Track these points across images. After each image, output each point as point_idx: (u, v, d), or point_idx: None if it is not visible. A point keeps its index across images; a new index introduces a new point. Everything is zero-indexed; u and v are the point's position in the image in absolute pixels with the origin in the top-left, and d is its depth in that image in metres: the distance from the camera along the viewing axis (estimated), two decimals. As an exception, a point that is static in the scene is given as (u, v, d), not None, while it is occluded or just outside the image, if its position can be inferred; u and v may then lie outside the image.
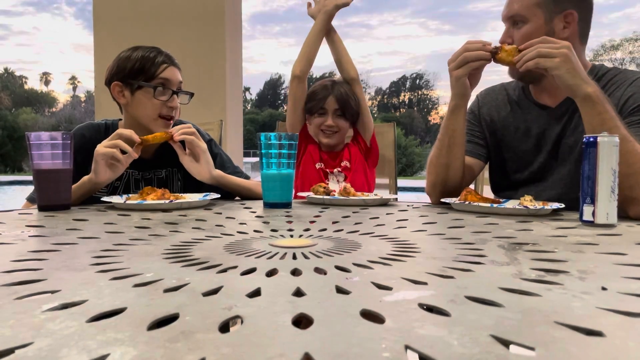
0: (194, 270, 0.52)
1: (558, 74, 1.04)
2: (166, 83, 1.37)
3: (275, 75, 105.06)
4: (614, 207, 0.88)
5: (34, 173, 1.10)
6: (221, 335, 0.33)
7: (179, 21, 3.01)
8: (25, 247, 0.66)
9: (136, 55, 1.36)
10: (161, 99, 1.36)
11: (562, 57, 1.04)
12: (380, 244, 0.70)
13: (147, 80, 1.35)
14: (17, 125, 39.78)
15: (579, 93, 1.05)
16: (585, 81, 1.05)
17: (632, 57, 41.51)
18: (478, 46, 1.16)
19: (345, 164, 1.80)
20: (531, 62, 1.07)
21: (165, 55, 1.39)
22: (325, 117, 1.76)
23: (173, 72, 1.39)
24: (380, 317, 0.36)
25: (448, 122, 1.26)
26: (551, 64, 1.04)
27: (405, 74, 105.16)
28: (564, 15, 1.21)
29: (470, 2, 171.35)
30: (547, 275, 0.50)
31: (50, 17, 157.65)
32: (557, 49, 1.05)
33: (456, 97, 1.23)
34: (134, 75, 1.35)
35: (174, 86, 1.39)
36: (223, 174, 1.37)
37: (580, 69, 1.05)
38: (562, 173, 1.27)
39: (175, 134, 1.29)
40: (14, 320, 0.36)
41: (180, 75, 1.42)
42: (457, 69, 1.17)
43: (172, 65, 1.39)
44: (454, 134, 1.25)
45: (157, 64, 1.36)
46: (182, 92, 1.42)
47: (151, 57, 1.36)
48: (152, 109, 1.36)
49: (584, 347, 0.32)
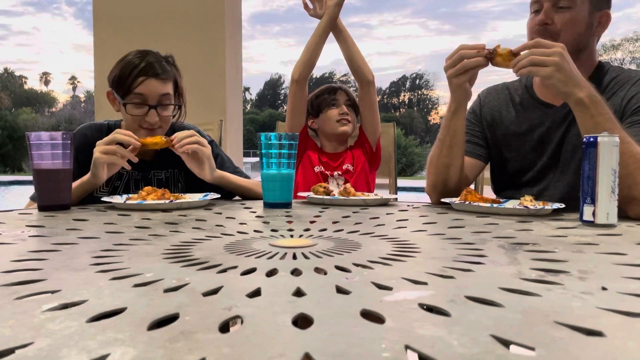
0: (194, 270, 0.52)
1: (551, 82, 1.04)
2: (142, 98, 1.32)
3: (275, 75, 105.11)
4: (614, 207, 0.88)
5: (34, 173, 1.10)
6: (221, 335, 0.33)
7: (179, 21, 3.01)
8: (25, 247, 0.66)
9: (120, 65, 1.33)
10: (133, 114, 1.33)
11: (554, 65, 1.02)
12: (380, 244, 0.70)
13: (124, 93, 1.32)
14: (17, 125, 39.78)
15: (572, 99, 1.05)
16: (578, 87, 1.04)
17: (633, 57, 41.52)
18: (473, 52, 1.13)
19: (347, 167, 1.80)
20: (524, 70, 1.06)
21: (148, 64, 1.31)
22: (340, 107, 1.80)
23: (150, 86, 1.31)
24: (380, 317, 0.36)
25: (449, 122, 1.25)
26: (543, 73, 1.04)
27: (405, 74, 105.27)
28: (601, 14, 1.22)
29: (470, 2, 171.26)
30: (547, 275, 0.50)
31: (50, 17, 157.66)
32: (550, 55, 1.03)
33: (457, 100, 1.22)
34: (114, 87, 1.35)
35: (153, 100, 1.33)
36: (224, 174, 1.37)
37: (574, 74, 1.04)
38: (566, 173, 1.27)
39: (177, 145, 1.26)
40: (14, 320, 0.36)
41: (164, 87, 1.34)
42: (456, 76, 1.16)
43: (152, 77, 1.31)
44: (454, 134, 1.25)
45: (133, 77, 1.30)
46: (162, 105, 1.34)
47: (129, 69, 1.31)
48: (132, 121, 1.35)
49: (584, 347, 0.32)
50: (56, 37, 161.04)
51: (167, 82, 1.35)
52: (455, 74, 1.15)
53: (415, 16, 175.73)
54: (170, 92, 1.36)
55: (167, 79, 1.35)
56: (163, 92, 1.34)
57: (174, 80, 1.39)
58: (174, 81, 1.39)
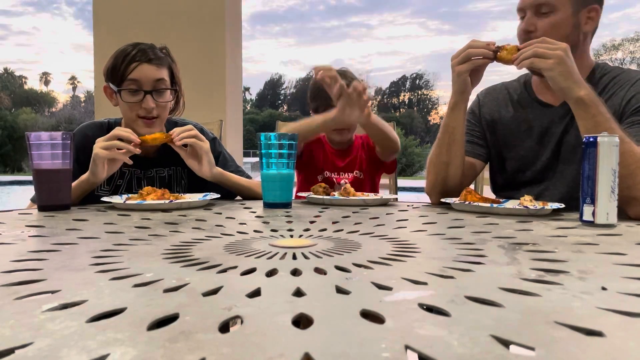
0: (194, 270, 0.52)
1: (551, 75, 1.05)
2: (136, 84, 1.30)
3: (276, 76, 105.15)
4: (614, 207, 0.88)
5: (34, 173, 1.10)
6: (221, 335, 0.33)
7: (179, 21, 3.01)
8: (25, 247, 0.66)
9: (113, 56, 1.32)
10: (129, 101, 1.31)
11: (557, 58, 1.04)
12: (380, 244, 0.70)
13: (119, 82, 1.31)
14: (17, 125, 39.76)
15: (571, 96, 1.05)
16: (578, 84, 1.05)
17: (633, 57, 41.53)
18: (482, 44, 1.16)
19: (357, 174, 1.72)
20: (527, 62, 1.07)
21: (140, 50, 1.30)
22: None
23: (143, 71, 1.30)
24: (380, 317, 0.36)
25: (448, 119, 1.26)
26: (545, 65, 1.05)
27: (405, 74, 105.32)
28: (588, 9, 1.21)
29: (470, 2, 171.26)
30: (547, 275, 0.50)
31: (50, 17, 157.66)
32: (553, 50, 1.04)
33: (456, 94, 1.23)
34: (109, 78, 1.34)
35: (147, 85, 1.31)
36: (223, 172, 1.36)
37: (574, 71, 1.05)
38: (566, 173, 1.27)
39: (176, 138, 1.27)
40: (14, 320, 0.36)
41: (158, 72, 1.32)
42: (460, 64, 1.18)
43: (145, 62, 1.30)
44: (454, 132, 1.25)
45: (127, 64, 1.29)
46: (157, 90, 1.32)
47: (122, 56, 1.30)
48: (129, 111, 1.33)
49: (584, 347, 0.32)
50: (56, 37, 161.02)
51: (161, 67, 1.34)
52: (459, 62, 1.17)
53: (415, 16, 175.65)
54: (165, 77, 1.35)
55: (160, 64, 1.33)
56: (157, 77, 1.32)
57: (168, 67, 1.37)
58: (168, 68, 1.38)
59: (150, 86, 1.32)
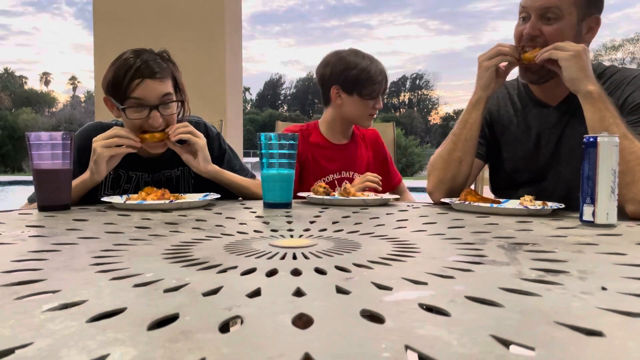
0: (194, 271, 0.52)
1: (566, 65, 1.09)
2: (140, 102, 1.24)
3: (276, 76, 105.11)
4: (614, 207, 0.88)
5: (34, 173, 1.10)
6: (221, 335, 0.33)
7: (179, 21, 3.01)
8: (25, 247, 0.66)
9: (113, 68, 1.25)
10: (134, 118, 1.25)
11: (575, 52, 1.09)
12: (380, 244, 0.70)
13: (122, 99, 1.24)
14: (17, 125, 39.74)
15: (581, 88, 1.09)
16: (590, 79, 1.09)
17: (633, 57, 41.52)
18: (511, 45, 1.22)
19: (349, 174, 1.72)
20: (546, 54, 1.12)
21: (143, 63, 1.23)
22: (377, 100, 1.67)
23: (148, 88, 1.23)
24: (380, 317, 0.36)
25: (468, 115, 1.26)
26: (562, 55, 1.09)
27: (405, 74, 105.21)
28: (591, 20, 1.22)
29: (470, 2, 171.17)
30: (547, 275, 0.50)
31: (50, 17, 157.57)
32: (573, 46, 1.10)
33: (481, 90, 1.24)
34: (110, 92, 1.27)
35: (153, 101, 1.24)
36: (219, 170, 1.35)
37: (588, 67, 1.09)
38: (564, 173, 1.27)
39: (171, 134, 1.25)
40: (14, 320, 0.36)
41: (163, 87, 1.25)
42: (488, 59, 1.21)
43: (149, 78, 1.22)
44: (472, 128, 1.26)
45: (128, 82, 1.21)
46: (163, 104, 1.26)
47: (123, 70, 1.22)
48: (134, 126, 1.27)
49: (584, 347, 0.32)
50: (56, 37, 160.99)
51: (165, 80, 1.26)
52: (488, 57, 1.21)
53: (415, 16, 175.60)
54: (170, 90, 1.28)
55: (164, 77, 1.26)
56: (163, 92, 1.25)
57: (171, 76, 1.30)
58: (172, 77, 1.30)
59: (156, 101, 1.25)
